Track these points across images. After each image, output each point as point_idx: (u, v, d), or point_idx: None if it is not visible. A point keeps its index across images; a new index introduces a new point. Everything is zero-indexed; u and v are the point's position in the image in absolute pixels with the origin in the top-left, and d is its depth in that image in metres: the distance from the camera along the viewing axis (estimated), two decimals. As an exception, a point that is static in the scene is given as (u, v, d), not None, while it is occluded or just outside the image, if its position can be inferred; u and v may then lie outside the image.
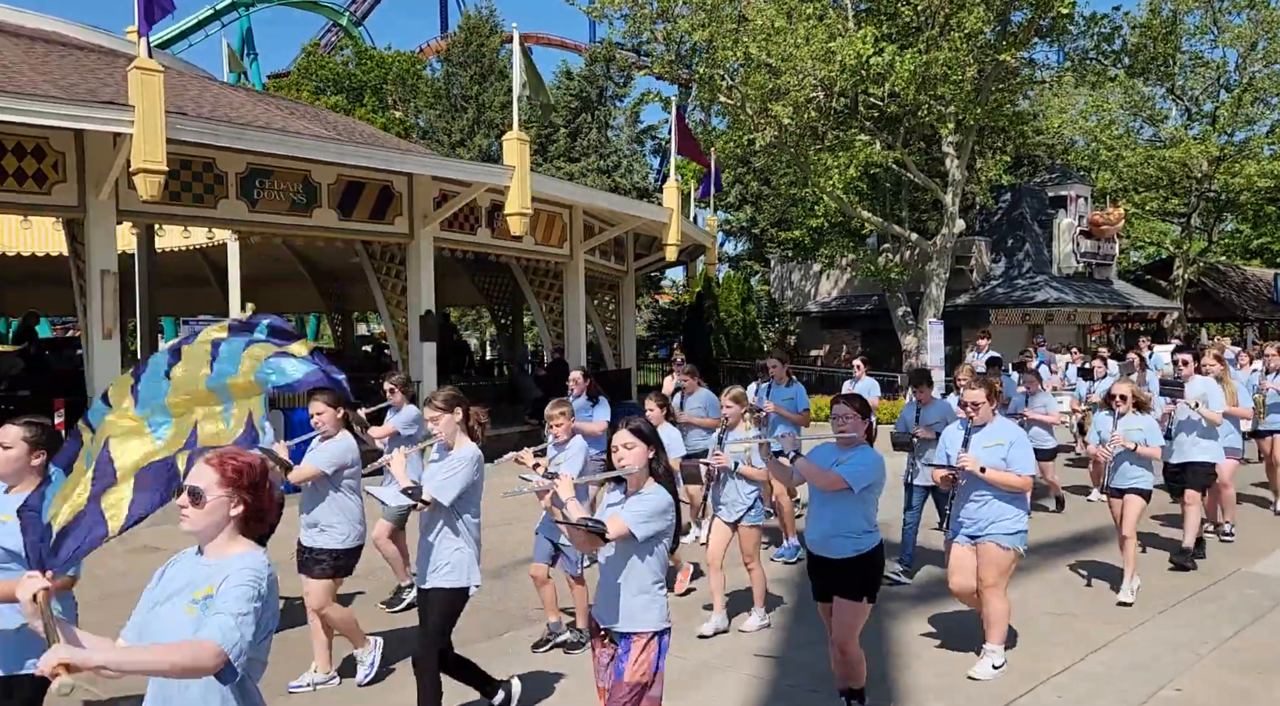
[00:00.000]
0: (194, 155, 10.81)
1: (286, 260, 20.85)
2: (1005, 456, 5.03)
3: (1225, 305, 33.92)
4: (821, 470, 4.46)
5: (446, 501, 4.26)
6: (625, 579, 3.43)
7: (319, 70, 35.51)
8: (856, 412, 4.53)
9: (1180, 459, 7.44)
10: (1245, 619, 6.10)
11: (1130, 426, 6.41)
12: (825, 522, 4.46)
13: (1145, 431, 6.40)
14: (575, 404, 7.37)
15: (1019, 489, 5.02)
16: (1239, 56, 27.30)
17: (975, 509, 5.13)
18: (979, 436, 5.16)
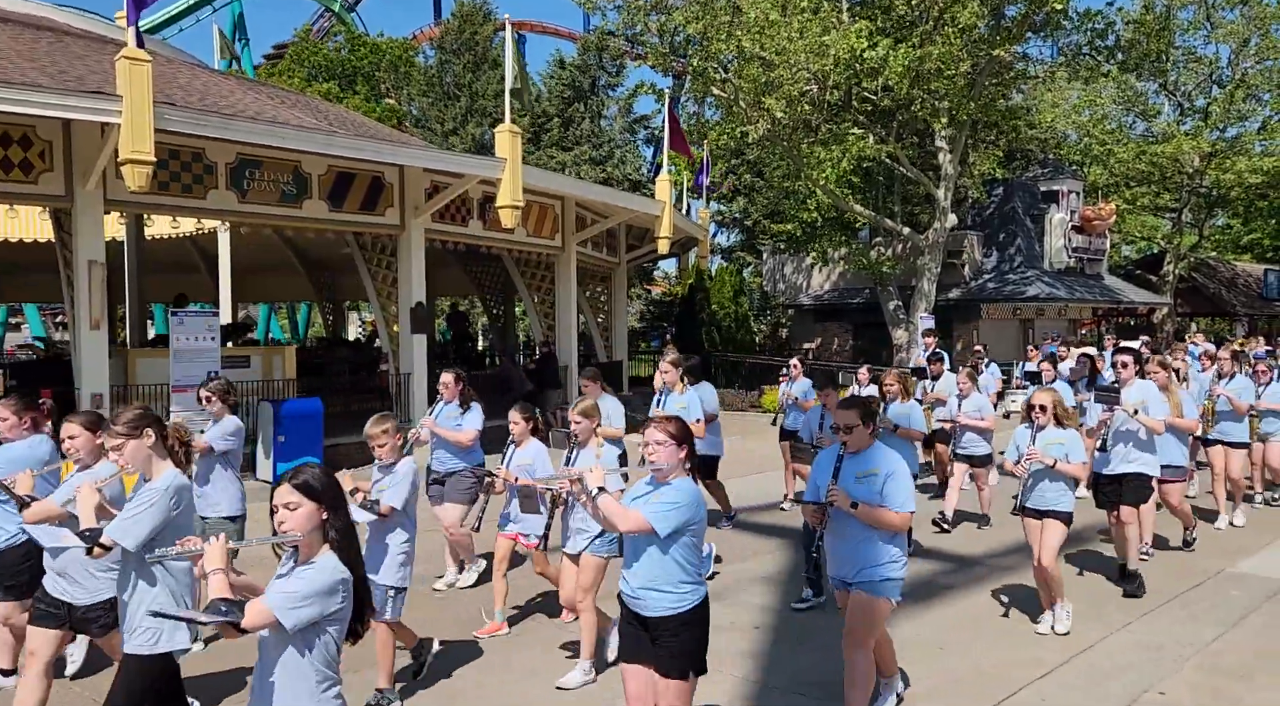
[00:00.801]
0: (183, 145, 10.70)
1: (277, 249, 20.74)
2: (881, 490, 4.27)
3: (1215, 300, 34.07)
4: (622, 510, 3.62)
5: (131, 545, 3.40)
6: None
7: (311, 57, 35.25)
8: (672, 437, 3.63)
9: (1114, 470, 6.75)
10: (1229, 621, 6.14)
11: (1050, 440, 5.73)
12: (638, 574, 3.64)
13: (1067, 446, 5.70)
14: (445, 411, 6.84)
15: (897, 528, 4.29)
16: (1232, 52, 27.36)
17: (847, 549, 4.36)
18: (851, 464, 4.39)
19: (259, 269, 22.11)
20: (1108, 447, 6.80)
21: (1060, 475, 5.72)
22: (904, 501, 4.27)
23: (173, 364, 10.77)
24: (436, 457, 6.92)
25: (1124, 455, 6.75)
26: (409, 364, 13.55)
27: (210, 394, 5.94)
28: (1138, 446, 6.74)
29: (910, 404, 7.64)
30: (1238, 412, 8.83)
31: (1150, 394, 6.84)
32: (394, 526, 4.84)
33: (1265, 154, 26.43)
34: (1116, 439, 6.77)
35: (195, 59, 18.55)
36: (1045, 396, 5.86)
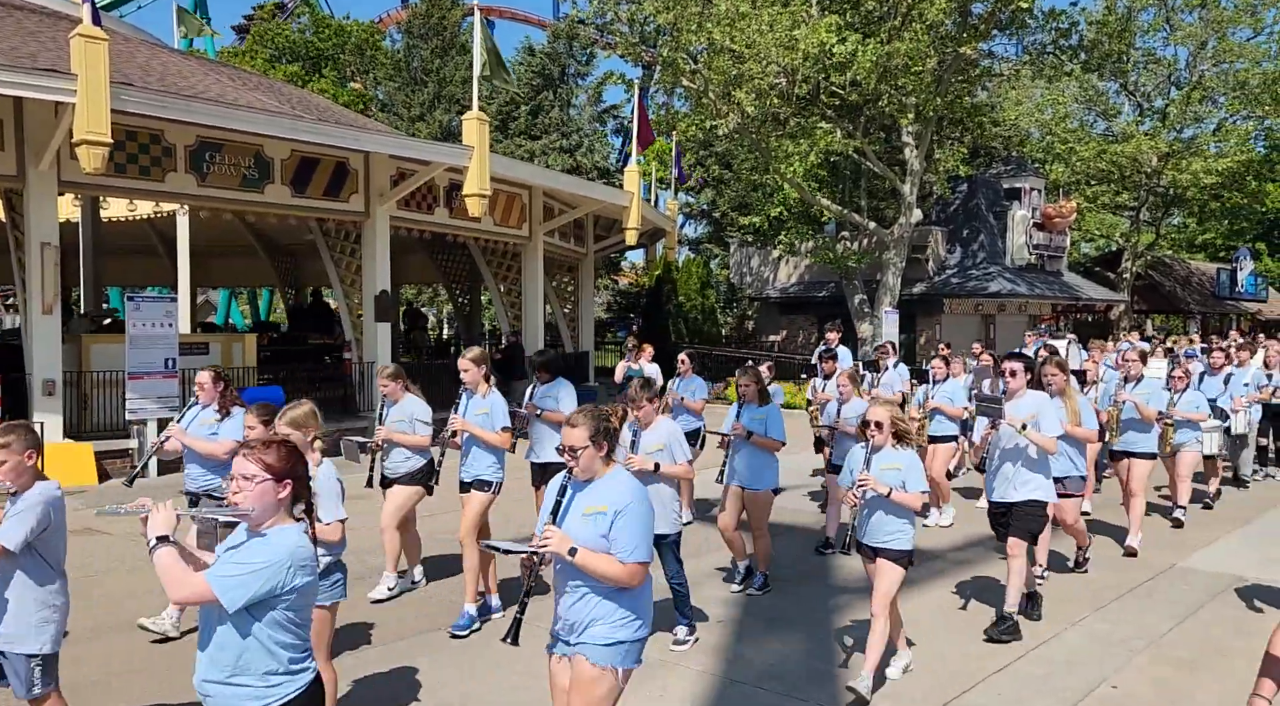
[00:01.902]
0: (140, 126, 10.47)
1: (238, 233, 20.37)
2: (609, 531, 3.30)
3: (1170, 298, 34.83)
4: (182, 573, 2.64)
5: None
6: None
7: (275, 38, 34.62)
8: (268, 470, 2.71)
9: (1003, 497, 5.87)
10: (1180, 614, 6.29)
11: (886, 464, 4.88)
12: (204, 661, 2.70)
13: (903, 471, 4.87)
14: (200, 416, 5.77)
15: (624, 582, 3.26)
16: (1190, 55, 27.90)
17: (570, 604, 3.38)
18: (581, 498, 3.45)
19: (219, 253, 21.70)
20: (986, 469, 6.05)
21: (895, 506, 4.86)
22: (634, 549, 3.25)
23: (128, 350, 10.55)
24: (189, 474, 5.75)
25: (1012, 478, 5.84)
26: (373, 352, 13.41)
27: None
28: (1028, 467, 5.80)
29: (768, 407, 6.64)
30: (1145, 420, 7.94)
31: (1043, 406, 5.85)
32: (13, 571, 3.58)
33: (1219, 156, 27.01)
34: (1003, 458, 5.87)
35: (155, 38, 18.12)
36: (882, 411, 4.97)
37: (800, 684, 5.03)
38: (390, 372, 6.39)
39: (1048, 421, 5.79)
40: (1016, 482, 5.83)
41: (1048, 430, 5.76)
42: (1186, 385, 8.83)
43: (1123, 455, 8.07)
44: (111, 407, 11.09)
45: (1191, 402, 8.79)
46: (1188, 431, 8.75)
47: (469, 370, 6.12)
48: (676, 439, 5.44)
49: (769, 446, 6.52)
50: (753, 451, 6.52)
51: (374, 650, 5.51)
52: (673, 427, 5.56)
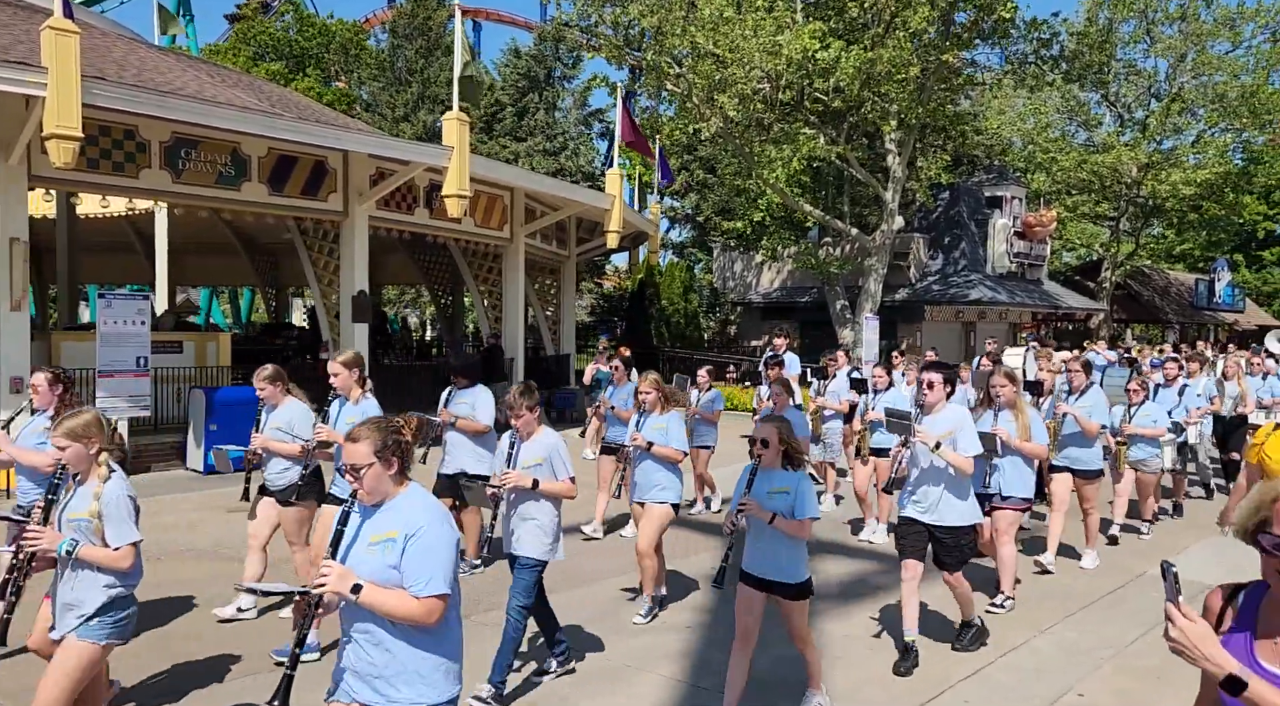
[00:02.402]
0: (114, 121, 10.34)
1: (218, 231, 20.22)
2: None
3: (1149, 308, 35.14)
4: None
5: None
6: None
7: (259, 36, 34.41)
8: None
9: (923, 519, 5.35)
10: (1149, 622, 6.29)
11: (775, 486, 4.32)
12: None
13: (794, 495, 4.27)
14: (33, 424, 4.95)
15: (420, 620, 2.84)
16: (1169, 67, 28.18)
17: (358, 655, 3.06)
18: None
19: (199, 251, 21.53)
20: (893, 490, 5.57)
21: (787, 537, 4.31)
22: (429, 580, 2.83)
23: (99, 348, 10.41)
24: (19, 489, 5.08)
25: (936, 503, 5.31)
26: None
27: None
28: (952, 490, 5.28)
29: (670, 416, 6.14)
30: (1087, 434, 7.41)
31: (961, 422, 5.32)
32: None
33: (1198, 167, 27.29)
34: (922, 479, 5.36)
35: (134, 34, 17.94)
36: (769, 427, 4.36)
37: (767, 690, 5.00)
38: (268, 375, 5.69)
39: (965, 439, 5.26)
40: (941, 508, 5.29)
41: (965, 448, 5.23)
42: (1144, 398, 8.35)
43: (1063, 470, 7.52)
44: (81, 405, 10.92)
45: (1148, 417, 8.27)
46: (1145, 447, 8.28)
47: (339, 374, 5.64)
48: (558, 452, 4.86)
49: (669, 457, 6.08)
50: (653, 463, 6.11)
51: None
52: (555, 441, 4.89)
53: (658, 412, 6.14)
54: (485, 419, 6.65)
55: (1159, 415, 8.38)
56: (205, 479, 10.73)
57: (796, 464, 4.41)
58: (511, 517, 4.87)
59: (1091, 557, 7.62)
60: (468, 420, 6.61)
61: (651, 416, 6.16)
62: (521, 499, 4.85)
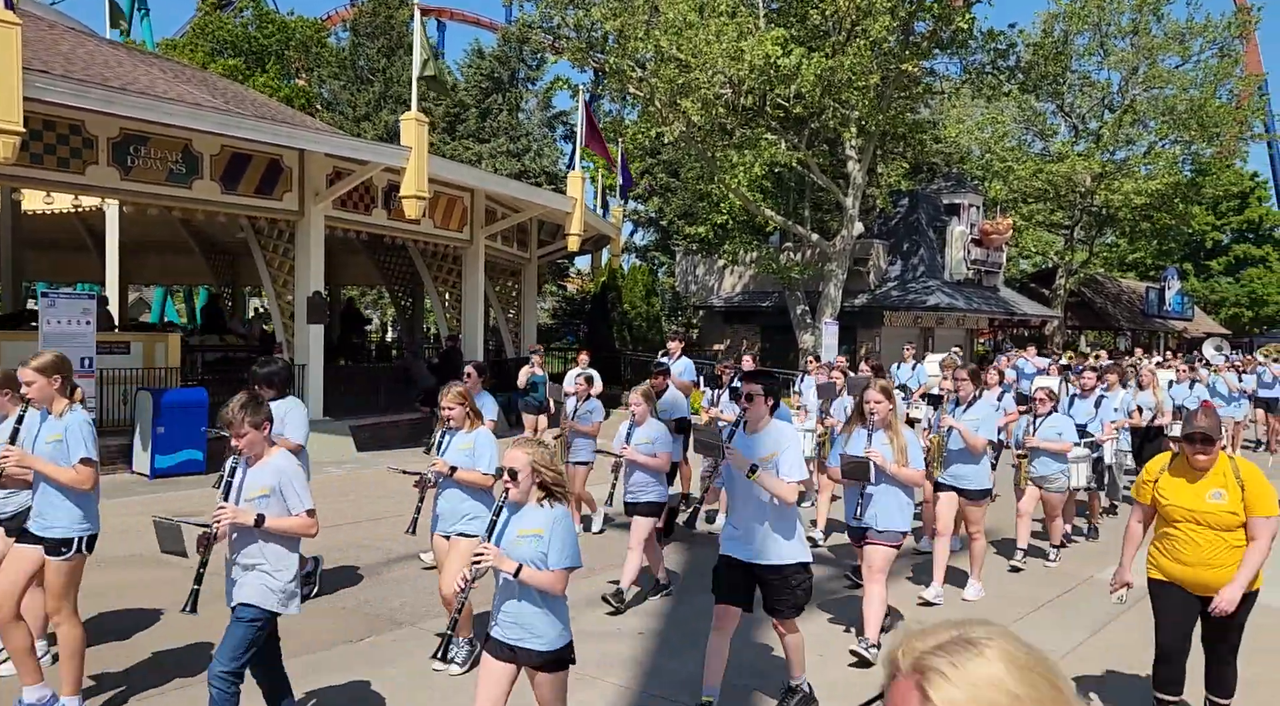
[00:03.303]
0: (59, 116, 10.09)
1: (172, 229, 19.80)
2: None
3: (1102, 315, 35.88)
4: None
5: None
6: None
7: (217, 31, 33.84)
8: None
9: (746, 557, 4.53)
10: (1094, 625, 6.39)
11: (526, 528, 3.42)
12: None
13: (548, 538, 3.38)
14: None
15: None
16: (1122, 79, 28.83)
17: None
18: None
19: (152, 249, 21.08)
20: (694, 523, 5.06)
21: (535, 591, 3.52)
22: None
23: (42, 348, 10.12)
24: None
25: (758, 538, 4.45)
26: (304, 354, 13.11)
27: None
28: (777, 523, 4.43)
29: (475, 433, 5.24)
30: (973, 450, 6.68)
31: (785, 442, 4.48)
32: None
33: (1149, 177, 27.93)
34: (741, 508, 4.51)
35: (85, 27, 17.53)
36: (519, 454, 3.47)
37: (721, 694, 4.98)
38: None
39: (789, 460, 4.41)
40: (763, 544, 4.41)
41: (788, 473, 4.38)
42: (1051, 408, 7.64)
43: (948, 489, 6.76)
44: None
45: (1053, 429, 7.54)
46: (1050, 463, 7.55)
47: (34, 382, 4.41)
48: (291, 480, 3.92)
49: (474, 483, 5.51)
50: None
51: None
52: (287, 466, 3.97)
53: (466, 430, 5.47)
54: (296, 436, 5.71)
55: (1065, 427, 7.61)
56: (151, 483, 10.49)
57: (558, 497, 3.46)
58: (234, 563, 3.90)
59: (976, 588, 6.85)
60: (279, 438, 5.36)
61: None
62: (244, 539, 3.87)
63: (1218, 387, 14.00)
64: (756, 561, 4.47)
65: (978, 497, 6.77)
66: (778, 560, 4.46)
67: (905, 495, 5.47)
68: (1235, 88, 29.71)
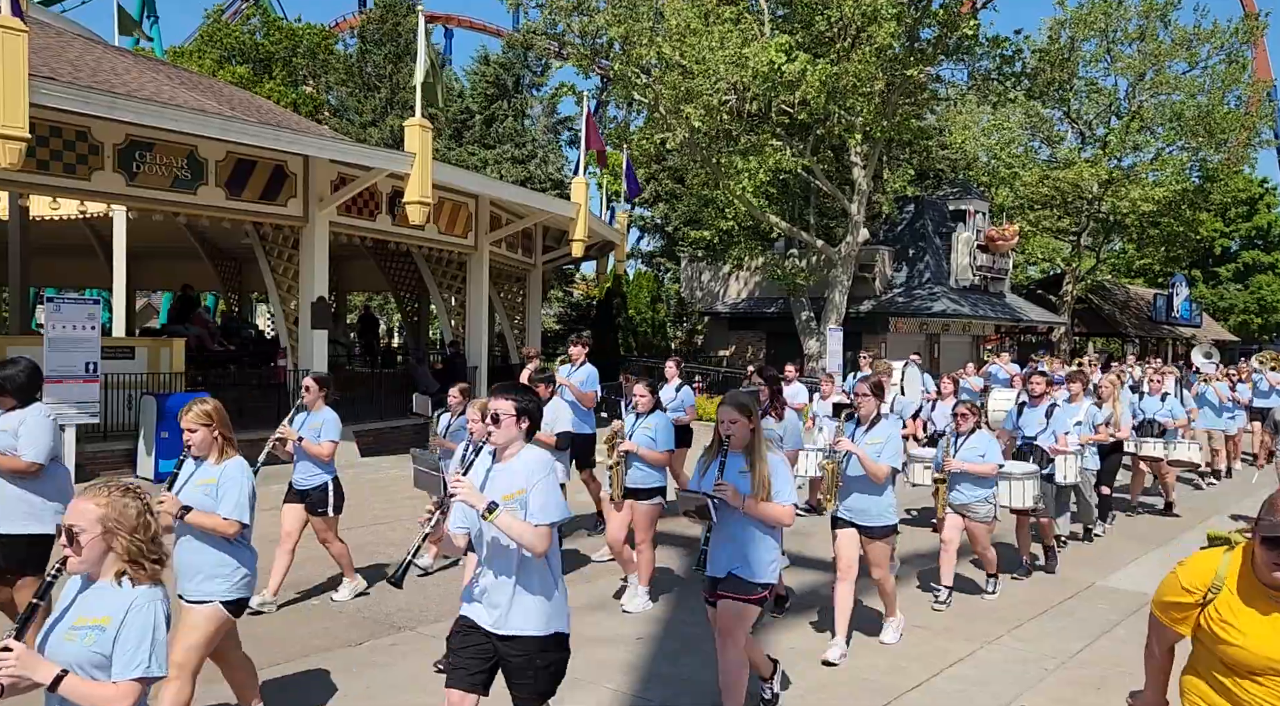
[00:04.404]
0: (65, 122, 10.15)
1: (179, 234, 19.89)
2: None
3: (1109, 322, 35.74)
4: None
5: None
6: None
7: (225, 38, 34.03)
8: None
9: (491, 625, 3.58)
10: (1094, 633, 6.36)
11: (81, 619, 2.64)
12: None
13: (108, 632, 2.61)
14: None
15: None
16: (1129, 86, 28.77)
17: None
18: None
19: (159, 254, 21.17)
20: None
21: None
22: None
23: (47, 353, 10.18)
24: None
25: (497, 598, 3.55)
26: (308, 360, 13.14)
27: None
28: (524, 580, 3.53)
29: (225, 466, 4.18)
30: (874, 478, 5.57)
31: (536, 474, 3.48)
32: None
33: (1156, 184, 27.84)
34: (487, 560, 3.55)
35: (93, 35, 17.67)
36: (89, 506, 2.60)
37: (714, 700, 4.98)
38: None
39: (540, 498, 3.41)
40: (508, 609, 3.46)
41: (537, 514, 3.38)
42: (975, 424, 6.73)
43: (847, 525, 5.73)
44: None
45: (974, 451, 6.62)
46: (973, 488, 6.61)
47: None
48: None
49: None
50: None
51: (278, 667, 5.33)
52: None
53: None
54: (29, 453, 4.80)
55: (989, 448, 6.67)
56: (156, 487, 10.52)
57: (141, 575, 2.58)
58: None
59: (894, 630, 6.01)
60: (8, 457, 4.75)
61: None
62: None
63: (1207, 397, 13.12)
64: (498, 632, 3.48)
65: (880, 534, 5.68)
66: (520, 630, 3.45)
67: (769, 538, 4.36)
68: (1244, 94, 29.61)
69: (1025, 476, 7.25)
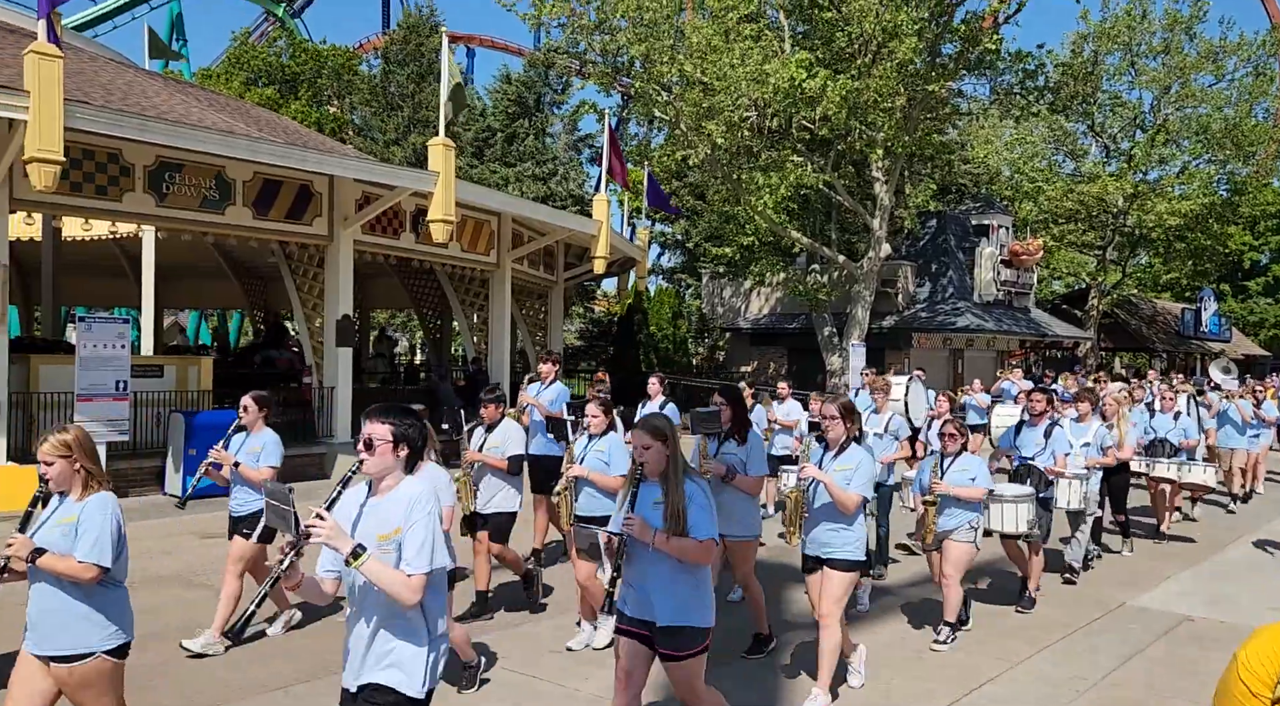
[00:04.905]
0: (98, 145, 10.36)
1: (206, 253, 20.17)
2: None
3: (1136, 336, 35.33)
4: None
5: None
6: None
7: (252, 60, 34.59)
8: None
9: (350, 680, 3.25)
10: (1125, 654, 6.25)
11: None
12: None
13: None
14: None
15: None
16: (1154, 99, 28.54)
17: None
18: None
19: (187, 273, 21.48)
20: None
21: None
22: None
23: (78, 372, 10.34)
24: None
25: (364, 649, 3.18)
26: (333, 377, 13.26)
27: None
28: (393, 625, 3.05)
29: (85, 504, 3.77)
30: (842, 508, 4.93)
31: (417, 512, 2.98)
32: None
33: (1183, 198, 27.55)
34: (357, 611, 3.11)
35: (124, 58, 18.03)
36: None
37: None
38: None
39: (415, 541, 2.93)
40: (366, 660, 3.02)
41: (414, 560, 2.91)
42: (961, 445, 6.29)
43: (813, 561, 5.13)
44: (59, 429, 10.82)
45: (964, 473, 6.16)
46: (959, 512, 6.12)
47: None
48: None
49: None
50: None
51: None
52: None
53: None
54: None
55: (978, 471, 6.22)
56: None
57: None
58: None
59: (856, 676, 5.40)
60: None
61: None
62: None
63: (1230, 415, 12.36)
64: (349, 684, 3.06)
65: (843, 568, 5.03)
66: (379, 679, 3.00)
67: (690, 575, 3.81)
68: (1272, 106, 29.31)
69: (1018, 499, 6.67)
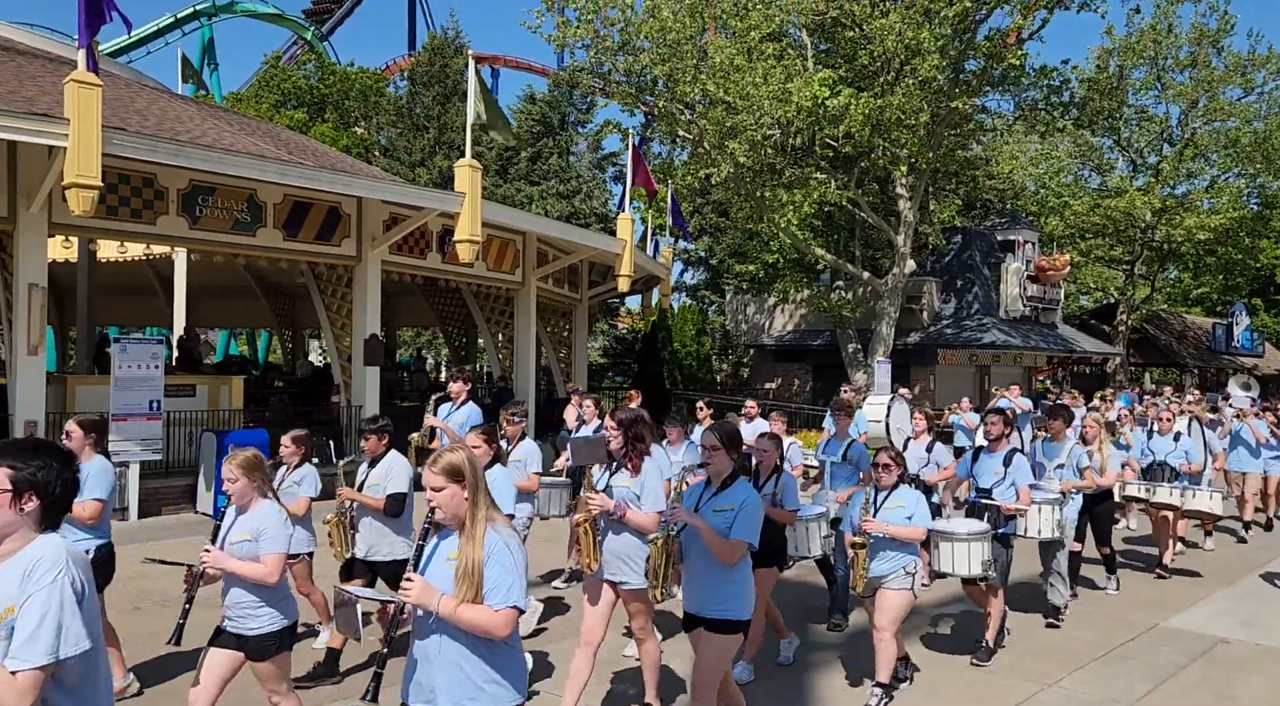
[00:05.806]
0: (133, 169, 10.59)
1: (236, 273, 20.50)
2: None
3: (1166, 352, 34.87)
4: None
5: None
6: None
7: (281, 83, 35.21)
8: None
9: None
10: (1159, 677, 6.17)
11: None
12: None
13: None
14: None
15: None
16: (1181, 113, 28.30)
17: None
18: None
19: (217, 293, 21.84)
20: None
21: None
22: None
23: (113, 392, 10.54)
24: None
25: None
26: (360, 396, 13.39)
27: None
28: None
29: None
30: (721, 558, 4.15)
31: (269, 532, 4.07)
32: None
33: (1213, 212, 27.25)
34: None
35: (158, 84, 18.44)
36: None
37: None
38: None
39: (29, 626, 2.22)
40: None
41: (27, 650, 2.19)
42: (899, 476, 5.45)
43: (692, 622, 4.31)
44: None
45: (900, 509, 5.32)
46: (895, 554, 5.29)
47: None
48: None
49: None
50: None
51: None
52: None
53: None
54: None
55: (916, 508, 5.36)
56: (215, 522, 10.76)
57: None
58: None
59: None
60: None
61: None
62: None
63: (1242, 436, 11.48)
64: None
65: (721, 629, 4.21)
66: None
67: (485, 648, 3.04)
68: (1302, 119, 28.96)
69: (972, 537, 5.82)
